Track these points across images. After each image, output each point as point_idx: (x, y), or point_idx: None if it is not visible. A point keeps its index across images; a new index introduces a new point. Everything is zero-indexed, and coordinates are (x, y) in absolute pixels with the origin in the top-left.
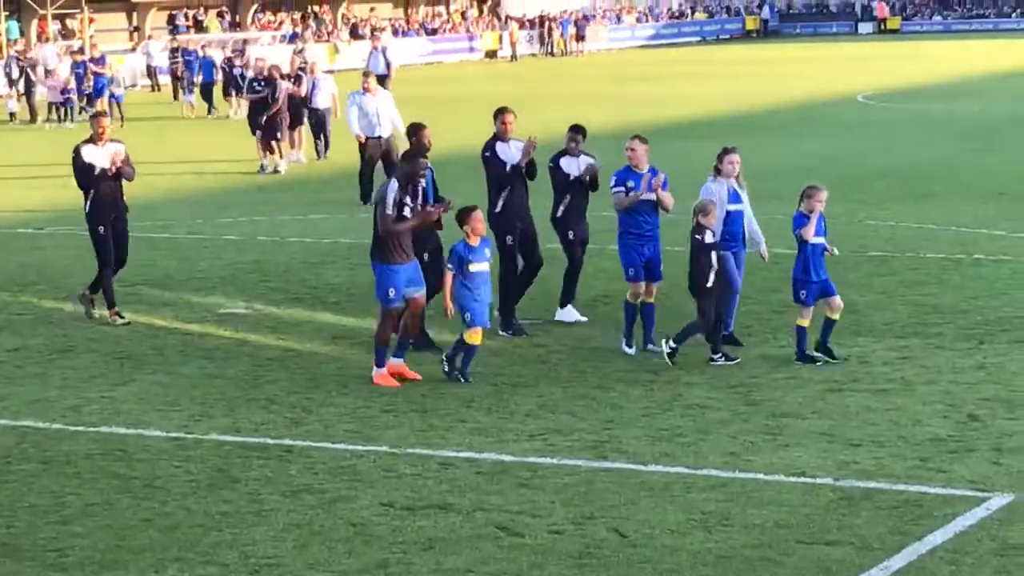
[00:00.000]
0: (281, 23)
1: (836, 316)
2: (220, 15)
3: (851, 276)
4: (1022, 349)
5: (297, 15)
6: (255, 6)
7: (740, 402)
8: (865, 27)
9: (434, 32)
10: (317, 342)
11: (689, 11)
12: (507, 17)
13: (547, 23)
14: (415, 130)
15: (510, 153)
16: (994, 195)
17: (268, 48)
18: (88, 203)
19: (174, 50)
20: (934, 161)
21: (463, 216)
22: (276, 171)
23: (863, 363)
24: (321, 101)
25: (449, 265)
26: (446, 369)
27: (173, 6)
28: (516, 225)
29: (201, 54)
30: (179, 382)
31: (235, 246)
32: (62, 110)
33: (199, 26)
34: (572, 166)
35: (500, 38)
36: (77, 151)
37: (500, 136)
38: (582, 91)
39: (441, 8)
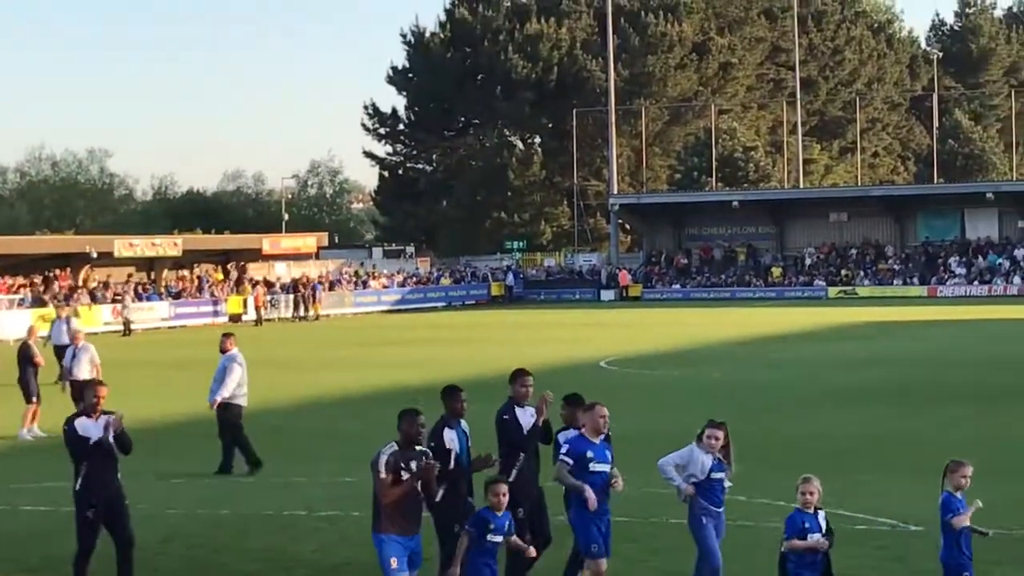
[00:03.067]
0: (20, 287)
1: None
2: None
3: None
4: None
5: (38, 278)
6: None
7: None
8: (607, 294)
9: (178, 296)
10: None
11: (435, 277)
12: (251, 281)
13: (300, 287)
14: (449, 393)
15: (527, 418)
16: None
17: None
18: (79, 480)
19: None
20: (675, 427)
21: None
22: None
23: None
24: (81, 371)
25: (471, 529)
26: None
27: None
28: (532, 495)
29: None
30: None
31: None
32: None
33: None
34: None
35: (244, 302)
36: (70, 424)
37: (517, 401)
38: (325, 355)
39: (185, 272)
